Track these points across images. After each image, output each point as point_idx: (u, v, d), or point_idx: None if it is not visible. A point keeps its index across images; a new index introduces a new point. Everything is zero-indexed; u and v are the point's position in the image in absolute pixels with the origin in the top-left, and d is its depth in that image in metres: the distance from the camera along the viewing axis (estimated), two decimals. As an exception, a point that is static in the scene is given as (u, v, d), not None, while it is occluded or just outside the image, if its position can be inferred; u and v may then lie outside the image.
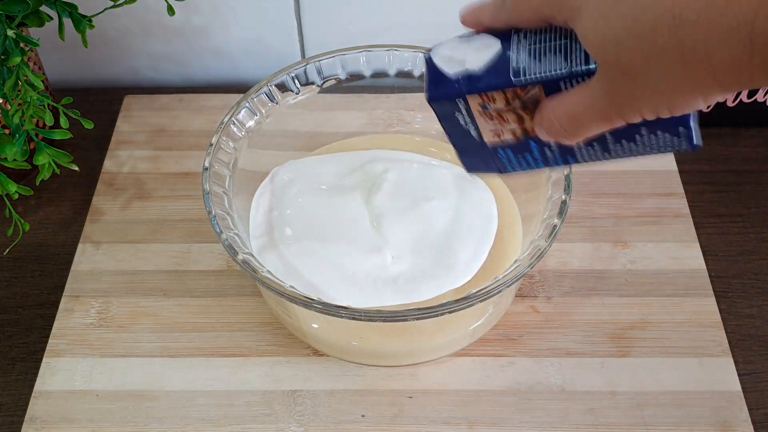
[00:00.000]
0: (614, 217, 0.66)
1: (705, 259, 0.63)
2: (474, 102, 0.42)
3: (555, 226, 0.51)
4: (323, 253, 0.56)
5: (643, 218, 0.66)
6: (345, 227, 0.58)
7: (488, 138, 0.44)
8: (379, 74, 0.62)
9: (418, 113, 0.65)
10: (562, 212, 0.52)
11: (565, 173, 0.54)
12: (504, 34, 0.41)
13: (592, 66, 0.37)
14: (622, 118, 0.36)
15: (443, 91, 0.42)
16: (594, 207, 0.67)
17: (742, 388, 0.56)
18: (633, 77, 0.34)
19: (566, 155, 0.43)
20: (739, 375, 0.56)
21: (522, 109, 0.41)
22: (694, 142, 0.38)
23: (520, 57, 0.40)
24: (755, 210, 0.68)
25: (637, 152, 0.41)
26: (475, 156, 0.46)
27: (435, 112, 0.44)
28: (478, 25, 0.42)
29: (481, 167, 0.47)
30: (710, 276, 0.62)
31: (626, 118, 0.36)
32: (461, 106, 0.42)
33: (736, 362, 0.57)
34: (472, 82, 0.41)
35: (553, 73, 0.39)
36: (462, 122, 0.43)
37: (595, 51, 0.35)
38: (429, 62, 0.43)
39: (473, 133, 0.44)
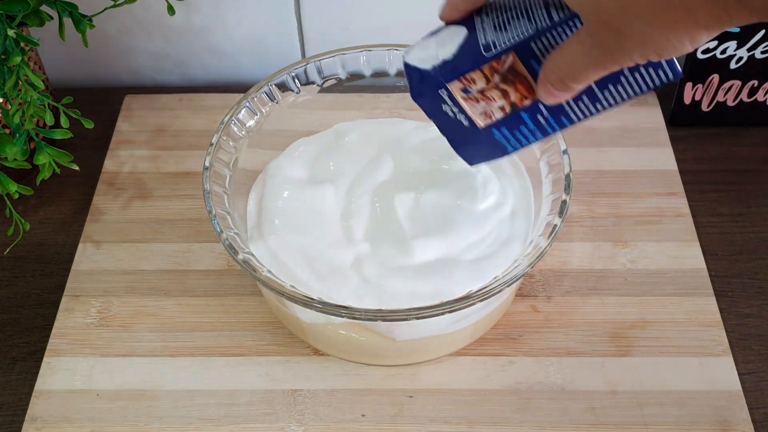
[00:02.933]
0: (614, 217, 0.66)
1: (705, 258, 0.63)
2: (456, 89, 0.43)
3: (555, 225, 0.51)
4: (301, 247, 0.55)
5: (643, 218, 0.66)
6: (320, 220, 0.57)
7: (480, 121, 0.45)
8: (379, 74, 0.62)
9: (418, 113, 0.65)
10: (562, 212, 0.52)
11: (566, 173, 0.54)
12: (467, 21, 0.43)
13: (555, 19, 0.39)
14: (616, 63, 0.37)
15: (425, 86, 0.44)
16: (594, 207, 0.67)
17: (742, 387, 0.56)
18: (617, 30, 0.35)
19: (559, 117, 0.44)
20: (739, 374, 0.56)
21: (503, 82, 0.42)
22: (678, 69, 0.40)
23: (486, 34, 0.42)
24: (755, 210, 0.68)
25: (626, 95, 0.42)
26: (473, 145, 0.47)
27: (424, 111, 0.46)
28: (455, 12, 0.44)
29: (481, 156, 0.48)
30: (710, 276, 0.62)
31: (620, 63, 0.37)
32: (445, 96, 0.43)
33: (736, 362, 0.57)
34: (448, 70, 0.43)
35: (520, 36, 0.40)
36: (450, 114, 0.45)
37: (577, 6, 0.37)
38: (406, 66, 0.44)
39: (464, 121, 0.45)
